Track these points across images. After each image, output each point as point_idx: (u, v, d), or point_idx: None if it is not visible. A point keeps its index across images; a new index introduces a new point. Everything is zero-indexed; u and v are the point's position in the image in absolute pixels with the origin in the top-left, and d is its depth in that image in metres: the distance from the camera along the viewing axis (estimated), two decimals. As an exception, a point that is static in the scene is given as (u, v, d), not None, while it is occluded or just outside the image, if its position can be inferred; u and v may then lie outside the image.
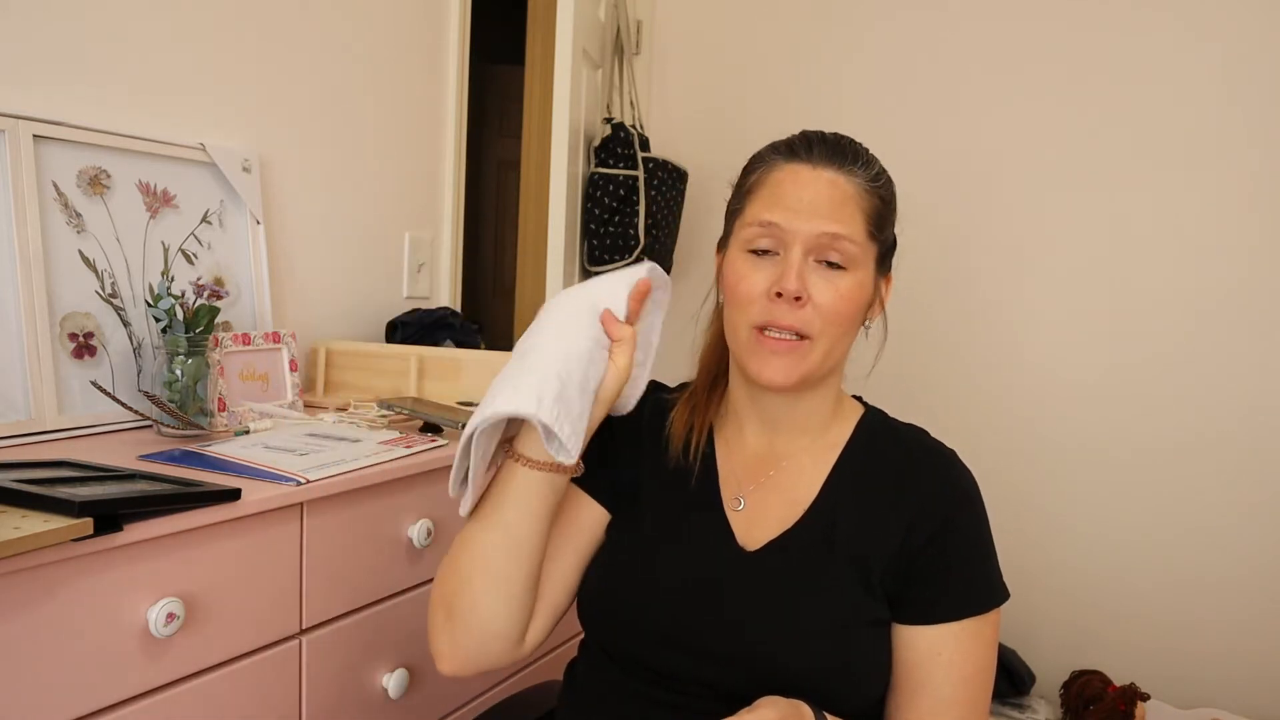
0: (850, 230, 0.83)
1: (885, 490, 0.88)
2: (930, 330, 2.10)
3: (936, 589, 0.84)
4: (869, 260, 0.86)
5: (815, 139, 0.88)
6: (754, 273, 0.85)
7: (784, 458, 0.91)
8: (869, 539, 0.85)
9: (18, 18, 1.18)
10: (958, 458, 0.91)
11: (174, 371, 1.18)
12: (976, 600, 0.84)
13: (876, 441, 0.92)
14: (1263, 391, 1.86)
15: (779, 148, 0.89)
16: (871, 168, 0.87)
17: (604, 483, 0.95)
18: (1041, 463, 2.04)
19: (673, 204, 2.10)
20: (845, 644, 0.82)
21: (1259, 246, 1.86)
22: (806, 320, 0.83)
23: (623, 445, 0.96)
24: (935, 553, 0.84)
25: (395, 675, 1.14)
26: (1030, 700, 1.93)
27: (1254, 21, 1.84)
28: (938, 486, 0.87)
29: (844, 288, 0.84)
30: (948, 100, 2.09)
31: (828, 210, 0.83)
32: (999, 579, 0.87)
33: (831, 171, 0.85)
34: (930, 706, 0.83)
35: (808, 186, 0.84)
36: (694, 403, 0.96)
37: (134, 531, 0.82)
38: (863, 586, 0.84)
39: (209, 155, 1.40)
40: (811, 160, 0.86)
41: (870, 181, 0.86)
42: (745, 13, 2.30)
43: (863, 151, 0.88)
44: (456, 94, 1.99)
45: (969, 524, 0.87)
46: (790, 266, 0.83)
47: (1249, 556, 1.88)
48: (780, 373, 0.84)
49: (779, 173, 0.87)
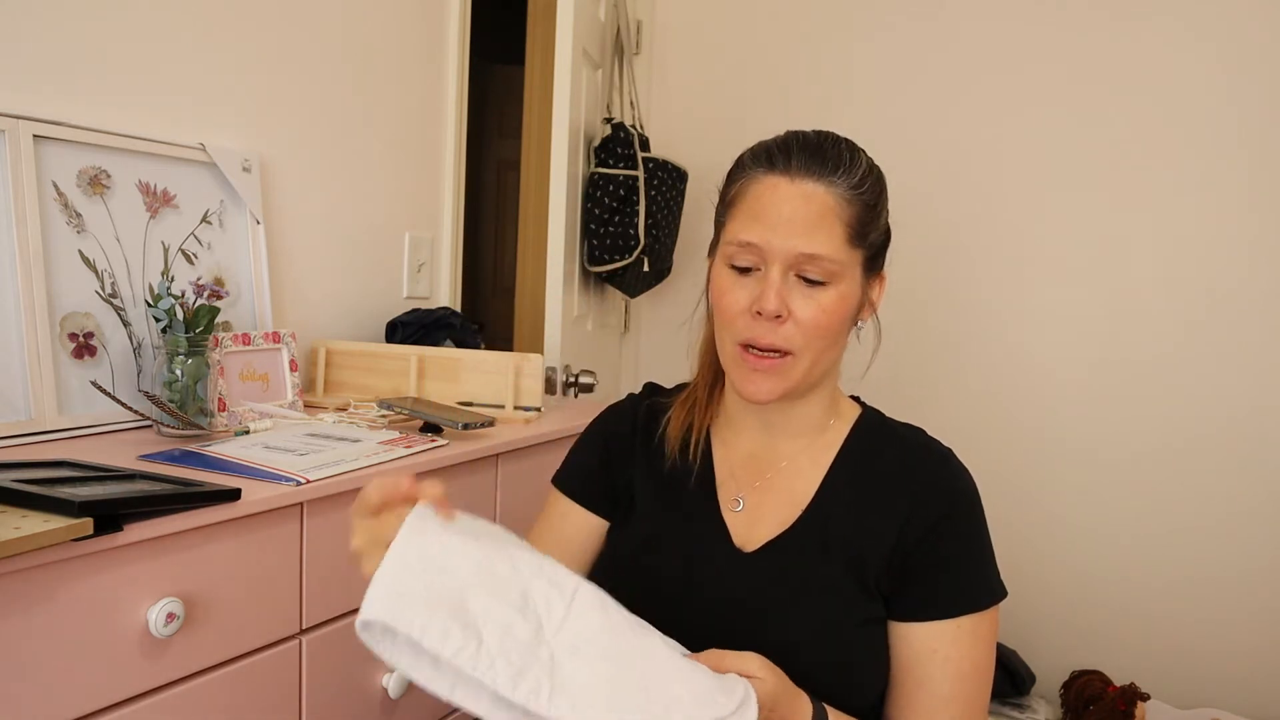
0: (828, 248, 0.82)
1: (882, 489, 0.88)
2: (927, 329, 2.10)
3: (931, 586, 0.84)
4: (852, 270, 0.85)
5: (796, 145, 0.86)
6: (735, 289, 0.85)
7: (782, 459, 0.92)
8: (865, 538, 0.86)
9: (18, 18, 1.18)
10: (955, 456, 0.91)
11: (174, 371, 1.18)
12: (972, 598, 0.84)
13: (873, 441, 0.92)
14: (1262, 391, 1.86)
15: (759, 155, 0.87)
16: (854, 173, 0.84)
17: (599, 491, 0.97)
18: (1041, 462, 2.04)
19: (673, 204, 2.10)
20: (842, 644, 0.83)
21: (1258, 246, 1.86)
22: (788, 337, 0.83)
23: (616, 453, 0.98)
24: (930, 550, 0.84)
25: (395, 675, 1.14)
26: (1030, 700, 1.93)
27: (1250, 23, 1.84)
28: (933, 484, 0.87)
29: (826, 302, 0.83)
30: (948, 100, 2.09)
31: (805, 227, 0.82)
32: (996, 577, 0.87)
33: (810, 183, 0.83)
34: (927, 704, 0.83)
35: (785, 203, 0.83)
36: (692, 402, 0.97)
37: (134, 531, 0.81)
38: (859, 586, 0.84)
39: (209, 155, 1.40)
40: (790, 172, 0.84)
41: (852, 189, 0.84)
42: (745, 13, 2.30)
43: (846, 154, 0.86)
44: (456, 94, 1.99)
45: (965, 522, 0.87)
46: (770, 285, 0.82)
47: (1249, 556, 1.88)
48: (763, 390, 0.85)
49: (757, 185, 0.85)
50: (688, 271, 2.32)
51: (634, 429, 0.98)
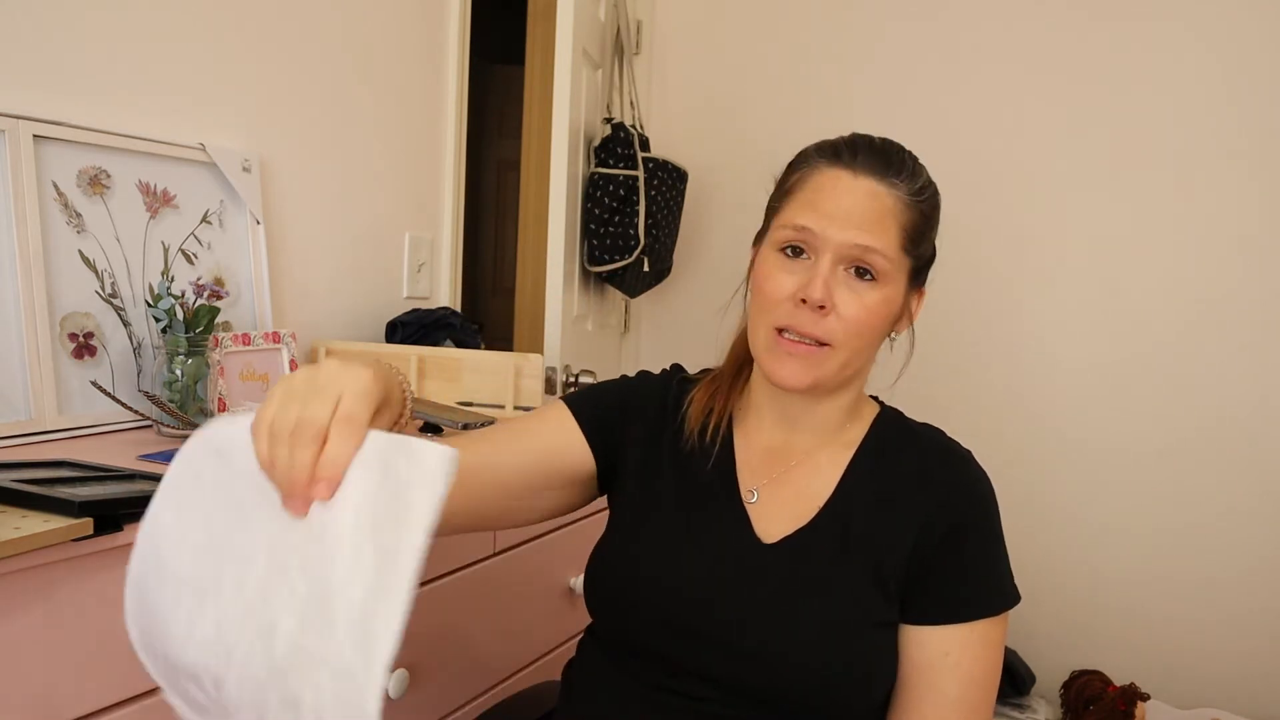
0: (883, 244, 0.82)
1: (901, 490, 0.87)
2: (936, 328, 2.10)
3: (949, 591, 0.84)
4: (900, 275, 0.85)
5: (863, 145, 0.87)
6: (781, 274, 0.85)
7: (799, 454, 0.91)
8: (883, 540, 0.85)
9: (18, 18, 1.18)
10: (974, 459, 0.90)
11: (174, 371, 1.18)
12: (988, 603, 0.84)
13: (892, 440, 0.91)
14: (1266, 391, 1.86)
15: (824, 150, 0.88)
16: (916, 180, 0.85)
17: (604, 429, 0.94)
18: (1041, 462, 2.04)
19: (673, 204, 2.10)
20: (855, 645, 0.82)
21: (1270, 244, 1.85)
22: (829, 330, 0.83)
23: (634, 412, 0.96)
24: (949, 554, 0.84)
25: (395, 675, 1.14)
26: (1030, 700, 1.93)
27: (1253, 26, 1.84)
28: (953, 487, 0.87)
29: (871, 301, 0.83)
30: (950, 100, 2.09)
31: (862, 221, 0.82)
32: (1011, 582, 0.87)
33: (873, 181, 0.84)
34: (935, 708, 0.83)
35: (846, 194, 0.83)
36: (716, 387, 0.96)
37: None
38: (876, 587, 0.84)
39: (209, 155, 1.40)
40: (854, 167, 0.84)
41: (912, 195, 0.85)
42: (745, 12, 2.30)
43: (910, 161, 0.87)
44: (456, 94, 1.99)
45: (983, 526, 0.86)
46: (818, 274, 0.82)
47: (1249, 556, 1.88)
48: (794, 375, 0.84)
49: (820, 176, 0.86)
50: (688, 271, 2.32)
51: (663, 404, 0.97)
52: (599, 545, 0.94)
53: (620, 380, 1.01)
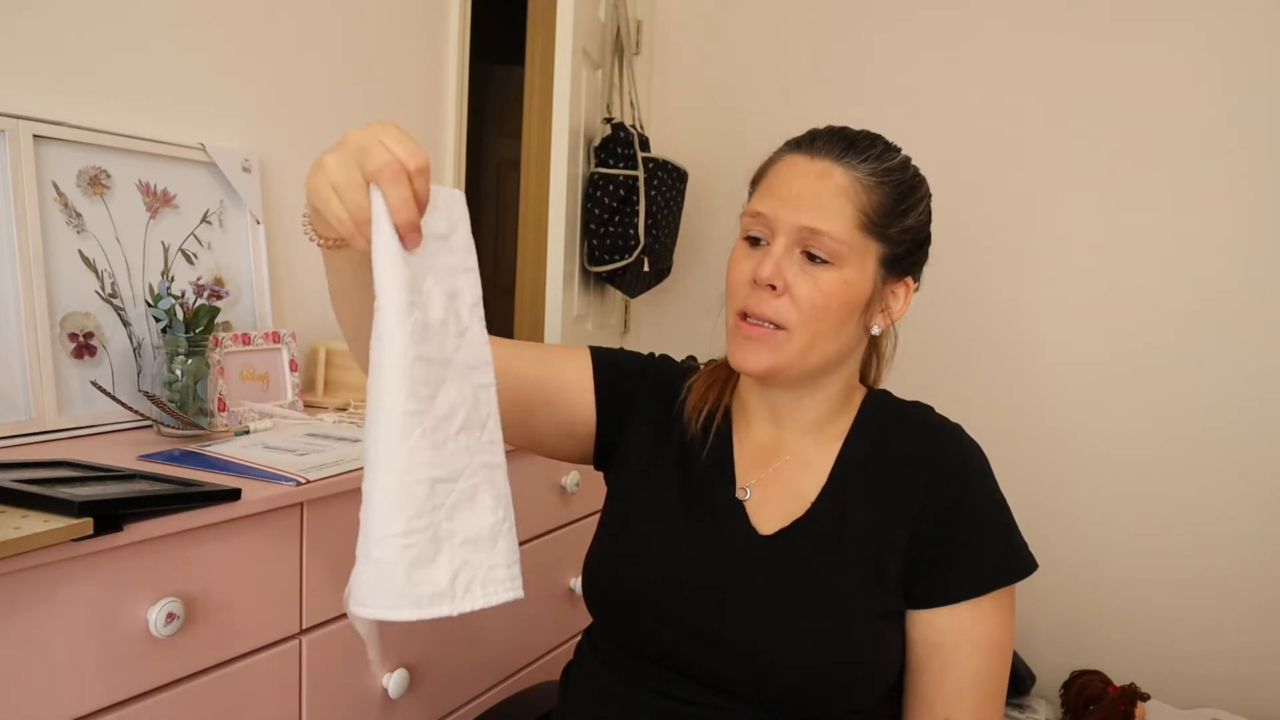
0: (833, 226, 0.82)
1: (892, 476, 0.87)
2: (934, 324, 2.10)
3: (954, 570, 0.83)
4: (863, 258, 0.84)
5: (826, 131, 0.87)
6: (743, 261, 0.86)
7: (788, 452, 0.91)
8: (880, 529, 0.85)
9: (18, 18, 1.18)
10: (964, 432, 0.90)
11: (174, 371, 1.18)
12: (996, 574, 0.84)
13: (881, 422, 0.91)
14: (1266, 390, 1.86)
15: (791, 140, 0.89)
16: (882, 161, 0.85)
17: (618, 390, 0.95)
18: (1042, 461, 2.04)
19: (673, 204, 2.10)
20: (854, 636, 0.82)
21: (1269, 244, 1.85)
22: (782, 311, 0.83)
23: (650, 399, 0.96)
24: (949, 534, 0.84)
25: (395, 675, 1.14)
26: (1030, 700, 1.93)
27: (1253, 26, 1.84)
28: (944, 464, 0.86)
29: (826, 283, 0.83)
30: (951, 100, 2.09)
31: (811, 203, 0.82)
32: (1020, 548, 0.86)
33: (828, 162, 0.84)
34: (956, 685, 0.83)
35: (799, 177, 0.84)
36: (714, 379, 0.96)
37: (134, 531, 0.81)
38: (875, 578, 0.83)
39: (209, 155, 1.40)
40: (811, 151, 0.85)
41: (874, 175, 0.84)
42: (745, 12, 2.30)
43: (879, 145, 0.86)
44: (456, 94, 1.99)
45: (980, 500, 0.86)
46: (769, 256, 0.83)
47: (1250, 556, 1.88)
48: (752, 360, 0.84)
49: (780, 163, 0.87)
50: (688, 271, 2.32)
51: (677, 391, 0.97)
52: (598, 535, 0.94)
53: (647, 356, 1.01)
